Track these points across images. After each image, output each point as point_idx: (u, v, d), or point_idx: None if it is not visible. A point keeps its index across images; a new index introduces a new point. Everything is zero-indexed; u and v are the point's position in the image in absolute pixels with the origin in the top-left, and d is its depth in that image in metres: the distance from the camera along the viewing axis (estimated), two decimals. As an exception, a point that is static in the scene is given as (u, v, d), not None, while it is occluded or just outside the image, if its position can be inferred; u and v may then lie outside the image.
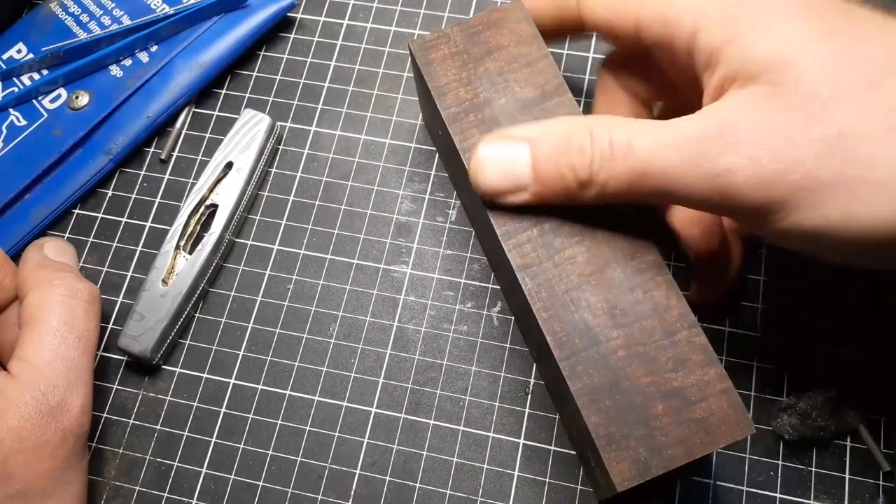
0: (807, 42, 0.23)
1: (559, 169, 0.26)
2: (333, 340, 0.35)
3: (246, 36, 0.40)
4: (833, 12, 0.24)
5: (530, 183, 0.27)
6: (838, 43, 0.23)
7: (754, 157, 0.23)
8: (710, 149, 0.23)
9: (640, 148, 0.24)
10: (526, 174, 0.27)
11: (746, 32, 0.24)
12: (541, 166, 0.26)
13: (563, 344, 0.26)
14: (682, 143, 0.24)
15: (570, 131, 0.26)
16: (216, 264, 0.36)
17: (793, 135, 0.22)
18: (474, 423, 0.33)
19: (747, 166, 0.23)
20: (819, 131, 0.22)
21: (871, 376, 0.33)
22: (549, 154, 0.26)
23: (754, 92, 0.23)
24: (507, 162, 0.27)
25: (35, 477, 0.28)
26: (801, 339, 0.34)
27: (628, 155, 0.24)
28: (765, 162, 0.22)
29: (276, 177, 0.38)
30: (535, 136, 0.27)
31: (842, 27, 0.23)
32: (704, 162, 0.23)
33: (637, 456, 0.25)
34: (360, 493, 0.32)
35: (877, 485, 0.31)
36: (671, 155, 0.24)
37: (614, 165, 0.25)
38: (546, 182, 0.26)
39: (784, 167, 0.22)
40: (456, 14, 0.41)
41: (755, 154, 0.23)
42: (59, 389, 0.29)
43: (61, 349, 0.30)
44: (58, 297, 0.31)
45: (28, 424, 0.28)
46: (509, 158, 0.27)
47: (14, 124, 0.39)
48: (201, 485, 0.33)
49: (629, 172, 0.25)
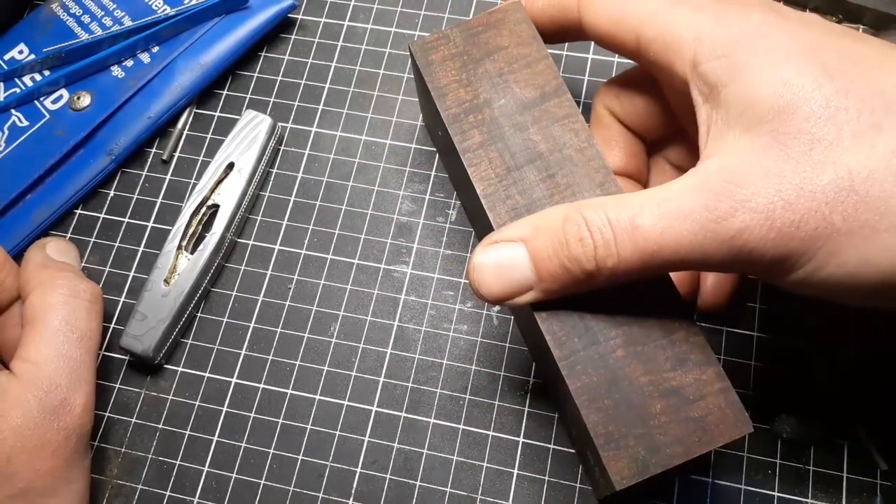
0: (807, 86, 0.22)
1: (563, 264, 0.25)
2: (334, 340, 0.35)
3: (247, 37, 0.40)
4: (832, 51, 0.23)
5: (536, 281, 0.25)
6: (838, 85, 0.22)
7: (766, 210, 0.22)
8: (720, 211, 0.22)
9: (646, 226, 0.23)
10: (528, 275, 0.25)
11: (747, 72, 0.23)
12: (543, 265, 0.25)
13: (561, 343, 0.26)
14: (690, 211, 0.23)
15: (563, 222, 0.25)
16: (218, 264, 0.36)
17: (803, 182, 0.22)
18: (474, 421, 0.33)
19: (762, 223, 0.22)
20: (828, 176, 0.21)
21: (870, 376, 0.33)
22: (548, 251, 0.25)
23: (757, 143, 0.23)
24: (506, 265, 0.26)
25: (38, 476, 0.28)
26: (799, 338, 0.34)
27: (635, 236, 0.23)
28: (778, 214, 0.22)
29: (277, 177, 0.38)
30: (529, 235, 0.25)
31: (840, 68, 0.22)
32: (717, 226, 0.22)
33: (635, 455, 0.25)
34: (360, 491, 0.33)
35: (874, 483, 0.32)
36: (682, 226, 0.23)
37: (621, 249, 0.24)
38: (552, 278, 0.25)
39: (798, 217, 0.22)
40: (456, 15, 0.41)
41: (768, 207, 0.22)
42: (61, 388, 0.29)
43: (64, 348, 0.30)
44: (60, 296, 0.31)
45: (31, 423, 0.28)
46: (507, 262, 0.26)
47: (16, 125, 0.39)
48: (203, 483, 0.33)
49: (639, 253, 0.23)
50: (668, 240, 0.23)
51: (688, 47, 0.25)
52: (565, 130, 0.29)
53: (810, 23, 0.24)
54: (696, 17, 0.25)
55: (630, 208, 0.24)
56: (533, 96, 0.30)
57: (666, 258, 0.23)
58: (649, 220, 0.23)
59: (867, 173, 0.21)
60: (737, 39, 0.24)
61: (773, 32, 0.24)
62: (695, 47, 0.25)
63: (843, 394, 0.32)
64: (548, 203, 0.28)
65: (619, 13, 0.27)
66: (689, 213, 0.22)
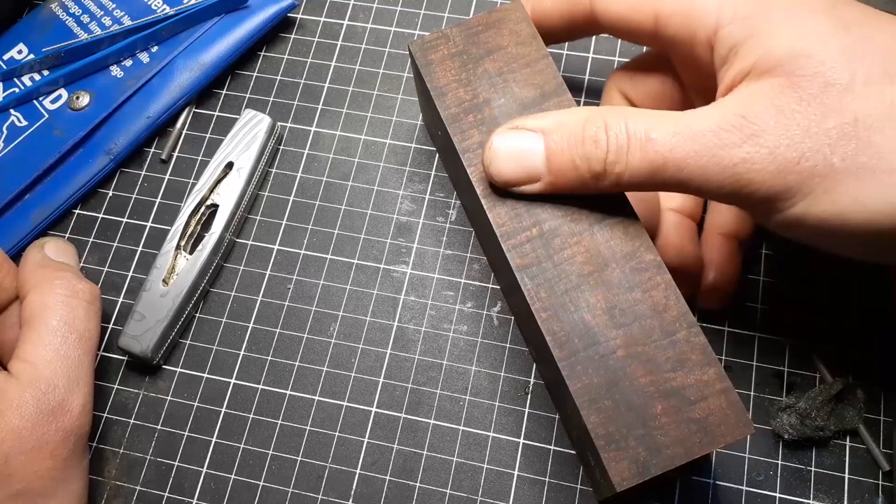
0: (824, 35, 0.23)
1: (573, 160, 0.26)
2: (334, 340, 0.35)
3: (246, 36, 0.40)
4: (850, 9, 0.24)
5: (544, 173, 0.27)
6: (855, 35, 0.23)
7: (773, 146, 0.23)
8: (729, 139, 0.24)
9: (659, 140, 0.24)
10: (540, 165, 0.27)
11: (766, 27, 0.24)
12: (555, 157, 0.26)
13: (562, 344, 0.26)
14: (701, 134, 0.24)
15: (584, 122, 0.26)
16: (217, 264, 0.36)
17: (810, 124, 0.23)
18: (474, 422, 0.33)
19: (765, 156, 0.23)
20: (835, 120, 0.23)
21: (871, 376, 0.33)
22: (563, 145, 0.26)
23: (772, 83, 0.24)
24: (521, 152, 0.27)
25: (36, 477, 0.28)
26: (800, 338, 0.34)
27: (646, 147, 0.25)
28: (782, 150, 0.23)
29: (276, 177, 0.38)
30: (550, 127, 0.27)
31: (858, 22, 0.24)
32: (723, 152, 0.24)
33: (636, 456, 0.25)
34: (360, 492, 0.33)
35: (876, 484, 0.31)
36: (690, 146, 0.24)
37: (631, 157, 0.25)
38: (560, 173, 0.26)
39: (800, 155, 0.23)
40: (456, 14, 0.41)
41: (774, 144, 0.23)
42: (59, 389, 0.29)
43: (62, 349, 0.30)
44: (58, 296, 0.31)
45: (29, 424, 0.28)
46: (523, 149, 0.27)
47: (15, 125, 0.39)
48: (202, 484, 0.33)
49: (647, 164, 0.25)
50: (675, 156, 0.24)
51: (710, 14, 0.26)
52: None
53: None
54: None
55: (648, 122, 0.25)
56: (533, 96, 0.30)
57: (670, 174, 0.24)
58: (663, 135, 0.24)
59: (872, 121, 0.22)
60: (757, 1, 0.25)
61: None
62: (717, 13, 0.25)
63: (844, 394, 0.32)
64: (548, 202, 0.28)
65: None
66: (700, 137, 0.24)
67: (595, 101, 0.38)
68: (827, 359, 0.33)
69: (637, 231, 0.27)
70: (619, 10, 0.29)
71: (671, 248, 0.32)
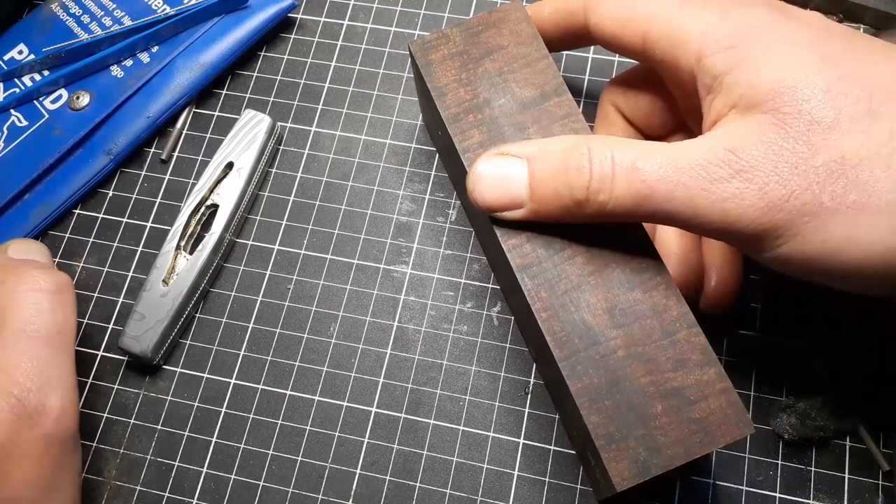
0: (808, 71, 0.23)
1: (556, 188, 0.26)
2: (334, 340, 0.35)
3: (246, 36, 0.40)
4: (833, 43, 0.24)
5: (527, 200, 0.26)
6: (839, 71, 0.23)
7: (762, 183, 0.23)
8: (718, 174, 0.23)
9: (646, 170, 0.24)
10: (523, 192, 0.26)
11: (750, 59, 0.24)
12: (538, 184, 0.26)
13: (562, 344, 0.26)
14: (689, 167, 0.24)
15: (568, 149, 0.26)
16: (217, 264, 0.36)
17: (797, 161, 0.23)
18: (474, 422, 0.33)
19: (754, 192, 0.23)
20: (822, 158, 0.22)
21: (871, 377, 0.33)
22: (546, 172, 0.26)
23: (758, 119, 0.24)
24: (505, 178, 0.27)
25: (24, 486, 0.27)
26: (800, 339, 0.34)
27: (632, 176, 0.24)
28: (771, 187, 0.23)
29: (276, 177, 0.38)
30: (534, 154, 0.26)
31: (843, 55, 0.24)
32: (712, 186, 0.23)
33: (636, 456, 0.25)
34: (360, 492, 0.33)
35: (876, 484, 0.31)
36: (678, 178, 0.24)
37: (616, 186, 0.25)
38: (543, 200, 0.26)
39: (789, 193, 0.23)
40: (456, 14, 0.41)
41: (763, 180, 0.23)
42: (33, 393, 0.27)
43: (29, 349, 0.27)
44: (19, 294, 0.28)
45: (8, 434, 0.26)
46: (507, 175, 0.27)
47: (15, 125, 0.39)
48: (202, 484, 0.33)
49: (633, 194, 0.24)
50: (662, 188, 0.24)
51: (694, 42, 0.26)
52: (565, 130, 0.29)
53: (812, 20, 0.25)
54: (702, 14, 0.26)
55: (636, 151, 0.25)
56: (533, 95, 0.30)
57: (657, 205, 0.24)
58: (650, 165, 0.24)
59: (859, 159, 0.22)
60: (741, 32, 0.25)
61: (777, 26, 0.25)
62: (700, 42, 0.25)
63: (845, 394, 0.32)
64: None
65: (626, 15, 0.28)
66: (688, 170, 0.24)
67: (595, 101, 0.38)
68: (827, 359, 0.33)
69: (637, 231, 0.28)
70: (611, 28, 0.29)
71: (672, 254, 0.32)
